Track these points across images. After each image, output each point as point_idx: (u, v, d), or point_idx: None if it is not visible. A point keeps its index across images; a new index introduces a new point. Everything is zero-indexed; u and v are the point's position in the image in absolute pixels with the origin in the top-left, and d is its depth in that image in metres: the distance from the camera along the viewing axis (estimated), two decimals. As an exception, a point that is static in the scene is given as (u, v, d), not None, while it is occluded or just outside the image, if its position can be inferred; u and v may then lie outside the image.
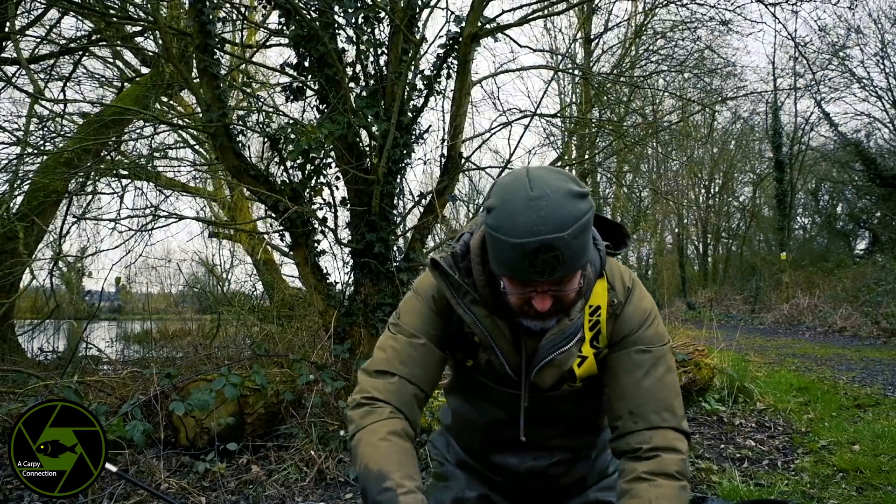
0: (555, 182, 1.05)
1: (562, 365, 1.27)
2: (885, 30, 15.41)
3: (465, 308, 1.24)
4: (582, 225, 1.03)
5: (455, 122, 4.36)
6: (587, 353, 1.30)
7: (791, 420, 4.26)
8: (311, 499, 2.82)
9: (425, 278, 1.36)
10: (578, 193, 1.05)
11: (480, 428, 1.45)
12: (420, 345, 1.30)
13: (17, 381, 4.42)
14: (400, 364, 1.28)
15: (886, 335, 10.13)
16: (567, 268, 1.05)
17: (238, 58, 6.22)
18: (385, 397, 1.26)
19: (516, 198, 1.05)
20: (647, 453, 1.21)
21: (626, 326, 1.29)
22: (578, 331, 1.25)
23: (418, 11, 4.22)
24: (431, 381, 1.33)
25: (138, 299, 12.62)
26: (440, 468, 1.59)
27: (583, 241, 1.05)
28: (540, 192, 1.03)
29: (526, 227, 1.01)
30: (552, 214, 1.01)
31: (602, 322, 1.29)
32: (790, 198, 17.60)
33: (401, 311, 1.36)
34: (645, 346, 1.28)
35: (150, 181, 5.82)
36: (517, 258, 1.04)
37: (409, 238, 4.57)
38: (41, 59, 6.77)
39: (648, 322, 1.30)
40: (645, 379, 1.26)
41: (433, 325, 1.32)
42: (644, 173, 16.44)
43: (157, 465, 2.92)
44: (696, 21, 7.57)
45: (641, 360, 1.27)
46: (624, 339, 1.29)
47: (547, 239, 1.01)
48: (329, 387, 3.46)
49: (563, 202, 1.03)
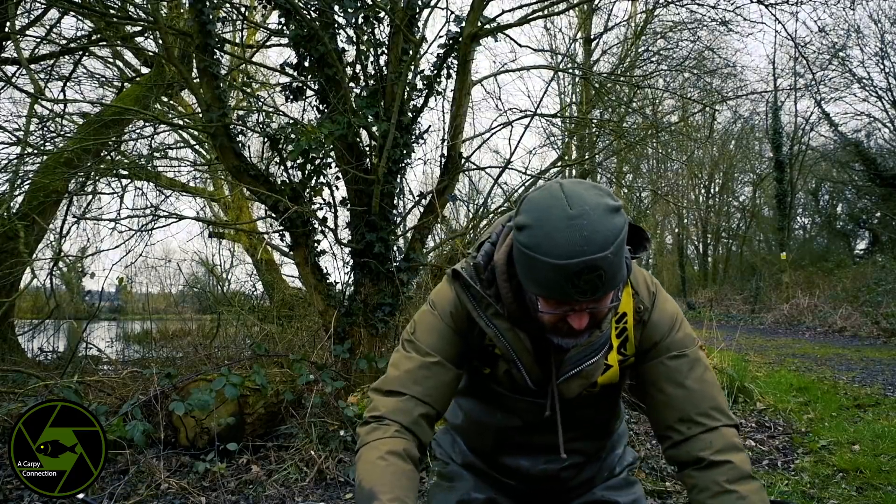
0: (592, 199, 1.02)
1: (589, 376, 1.24)
2: (885, 30, 15.43)
3: (487, 321, 1.21)
4: (621, 241, 1.01)
5: (455, 122, 4.37)
6: (612, 361, 1.28)
7: (791, 420, 4.26)
8: (311, 499, 2.82)
9: (443, 291, 1.32)
10: (614, 208, 1.02)
11: (493, 431, 1.43)
12: (434, 363, 1.27)
13: (17, 381, 4.42)
14: (412, 384, 1.26)
15: (886, 335, 10.13)
16: (609, 286, 1.02)
17: (238, 58, 6.22)
18: (393, 416, 1.24)
19: (553, 216, 1.01)
20: (717, 460, 1.18)
21: (657, 333, 1.27)
22: (607, 340, 1.23)
23: (418, 11, 4.22)
24: (445, 399, 1.31)
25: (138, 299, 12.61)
26: (445, 468, 1.56)
27: (621, 258, 1.03)
28: (580, 211, 1.00)
29: (568, 247, 0.98)
30: (594, 233, 0.98)
31: (630, 329, 1.27)
32: (790, 198, 17.61)
33: (416, 327, 1.32)
34: (678, 350, 1.26)
35: (150, 181, 5.83)
36: (558, 279, 1.00)
37: (409, 238, 4.57)
38: (41, 59, 6.78)
39: (677, 326, 1.28)
40: (688, 382, 1.24)
41: (450, 343, 1.29)
42: (644, 173, 16.45)
43: (157, 465, 2.92)
44: (696, 21, 7.58)
45: (679, 365, 1.25)
46: (655, 347, 1.27)
47: (591, 259, 0.97)
48: (329, 387, 3.46)
49: (602, 219, 1.00)
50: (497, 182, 4.95)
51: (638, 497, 1.48)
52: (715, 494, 1.16)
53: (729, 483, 1.15)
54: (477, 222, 5.42)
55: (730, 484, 1.15)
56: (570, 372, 1.22)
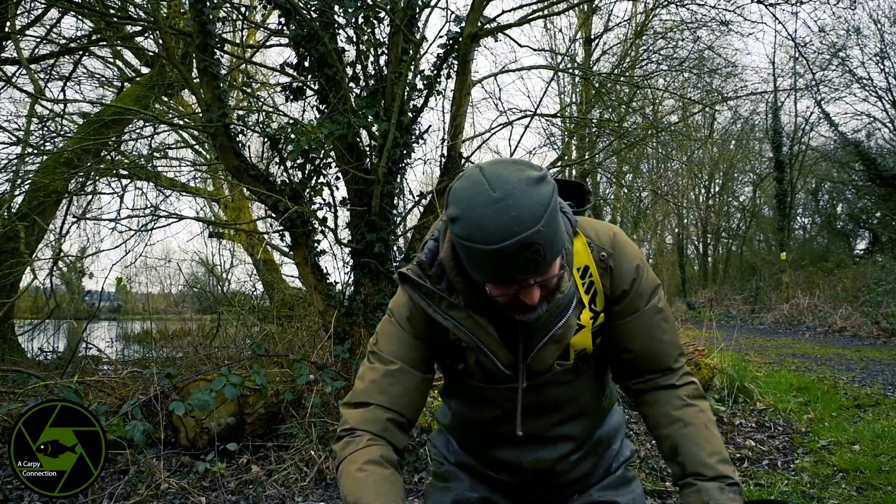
0: (513, 176, 1.02)
1: (562, 339, 1.23)
2: (885, 30, 15.43)
3: (443, 314, 1.20)
4: (552, 211, 1.01)
5: (455, 122, 4.37)
6: (585, 321, 1.27)
7: (791, 420, 4.26)
8: (311, 499, 2.82)
9: (398, 298, 1.32)
10: (538, 178, 1.02)
11: (479, 426, 1.43)
12: (397, 371, 1.28)
13: (17, 381, 4.42)
14: (377, 393, 1.27)
15: (886, 335, 10.13)
16: (549, 258, 1.03)
17: (238, 58, 6.23)
18: (363, 426, 1.25)
19: (479, 203, 1.01)
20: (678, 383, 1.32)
21: (625, 279, 1.27)
22: (573, 298, 1.21)
23: (418, 11, 4.22)
24: (414, 405, 1.32)
25: (138, 299, 12.61)
26: (440, 468, 1.56)
27: (556, 225, 1.03)
28: (503, 192, 1.00)
29: (500, 231, 0.98)
30: (522, 211, 0.98)
31: (596, 279, 1.27)
32: (790, 198, 17.61)
33: (378, 337, 1.34)
34: (646, 303, 1.29)
35: (150, 181, 5.83)
36: (498, 263, 1.00)
37: (409, 238, 4.57)
38: (41, 58, 6.77)
39: (642, 270, 1.29)
40: (664, 335, 1.31)
41: (411, 348, 1.29)
42: (644, 173, 16.44)
43: (157, 465, 2.92)
44: (696, 21, 7.58)
45: (657, 319, 1.30)
46: (625, 295, 1.28)
47: (525, 237, 0.98)
48: (329, 387, 3.46)
49: (528, 195, 0.99)
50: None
51: (637, 496, 1.47)
52: (679, 407, 1.30)
53: (690, 398, 1.30)
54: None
55: (691, 399, 1.30)
56: (542, 339, 1.21)
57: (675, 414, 1.29)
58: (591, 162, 7.38)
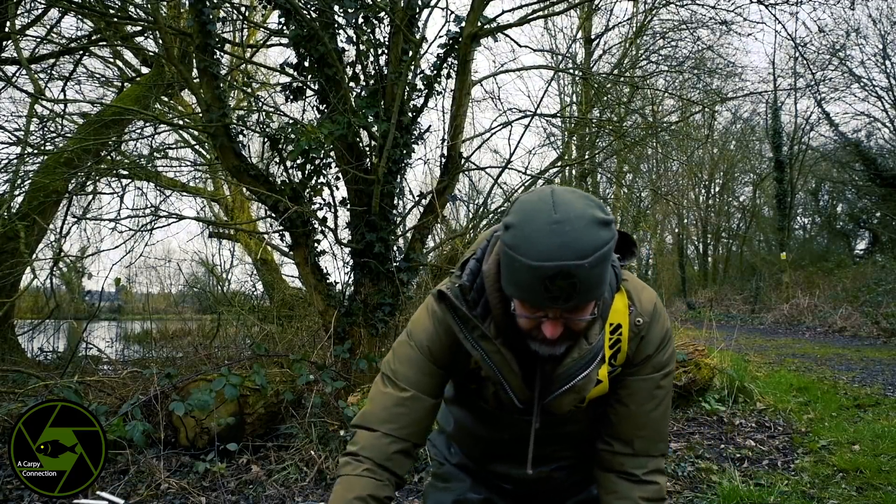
0: (579, 207, 1.01)
1: (581, 391, 1.22)
2: (886, 30, 15.43)
3: (473, 343, 1.19)
4: (603, 254, 0.99)
5: (455, 122, 4.37)
6: (602, 375, 1.27)
7: (791, 420, 4.26)
8: (311, 499, 2.82)
9: (420, 320, 1.31)
10: (603, 221, 1.01)
11: (483, 442, 1.44)
12: (409, 398, 1.28)
13: (17, 381, 4.42)
14: (387, 421, 1.28)
15: (886, 335, 10.13)
16: (583, 297, 1.01)
17: (238, 58, 6.23)
18: (367, 453, 1.27)
19: (537, 219, 1.00)
20: (646, 480, 1.28)
21: (650, 347, 1.27)
22: (598, 353, 1.20)
23: (418, 11, 4.22)
24: (423, 430, 1.33)
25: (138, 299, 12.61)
26: (440, 468, 1.57)
27: (602, 271, 1.01)
28: (563, 216, 0.99)
29: (545, 250, 0.97)
30: (574, 241, 0.97)
31: (624, 341, 1.26)
32: (790, 198, 17.60)
33: (394, 359, 1.33)
34: (659, 372, 1.28)
35: (151, 181, 5.82)
36: (532, 281, 1.00)
37: (409, 238, 4.58)
38: (41, 58, 6.78)
39: (667, 343, 1.29)
40: (655, 411, 1.28)
41: (427, 374, 1.29)
42: (644, 173, 16.42)
43: (157, 465, 2.92)
44: (696, 21, 7.58)
45: (657, 393, 1.28)
46: (644, 361, 1.28)
47: (566, 265, 0.97)
48: (329, 387, 3.46)
49: (586, 229, 0.99)
50: (497, 182, 4.96)
51: None
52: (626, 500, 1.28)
53: (645, 500, 1.28)
54: (477, 222, 5.43)
55: (645, 501, 1.28)
56: (562, 388, 1.20)
57: None
58: (591, 162, 7.38)
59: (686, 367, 4.38)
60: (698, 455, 3.44)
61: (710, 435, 3.88)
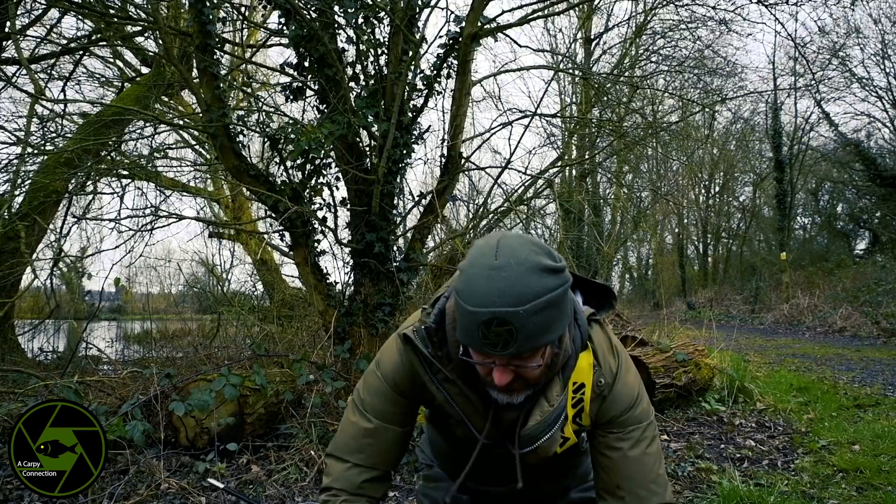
0: (523, 253, 1.00)
1: (546, 451, 1.22)
2: (886, 30, 15.43)
3: (438, 386, 1.20)
4: (544, 302, 0.98)
5: (455, 122, 4.37)
6: (569, 433, 1.26)
7: (791, 420, 4.26)
8: (311, 499, 2.82)
9: (389, 352, 1.32)
10: (549, 268, 1.00)
11: (459, 462, 1.43)
12: (376, 429, 1.30)
13: (17, 381, 4.42)
14: (356, 451, 1.31)
15: (886, 335, 10.13)
16: (522, 345, 0.99)
17: (238, 58, 6.23)
18: (339, 485, 1.31)
19: (480, 264, 1.01)
20: None
21: (615, 408, 1.25)
22: (562, 413, 1.20)
23: (418, 11, 4.22)
24: (393, 458, 1.35)
25: (138, 299, 12.61)
26: (430, 471, 1.61)
27: (545, 319, 0.99)
28: (504, 262, 0.99)
29: (482, 296, 0.97)
30: (510, 288, 0.96)
31: (586, 402, 1.24)
32: (790, 198, 17.61)
33: (362, 388, 1.35)
34: (632, 426, 1.26)
35: (151, 181, 5.83)
36: (471, 327, 1.00)
37: (409, 238, 4.57)
38: (41, 59, 6.77)
39: (636, 404, 1.26)
40: (631, 451, 1.25)
41: (394, 404, 1.31)
42: (644, 173, 16.42)
43: (157, 465, 2.92)
44: (696, 21, 7.58)
45: (629, 440, 1.26)
46: (610, 421, 1.26)
47: (500, 312, 0.96)
48: (329, 387, 3.46)
49: (526, 276, 0.97)
50: (497, 182, 4.95)
51: None
52: None
53: None
54: (477, 222, 5.42)
55: None
56: (526, 449, 1.20)
57: None
58: (591, 162, 7.38)
59: (686, 367, 4.38)
60: (698, 455, 3.44)
61: (710, 435, 3.88)
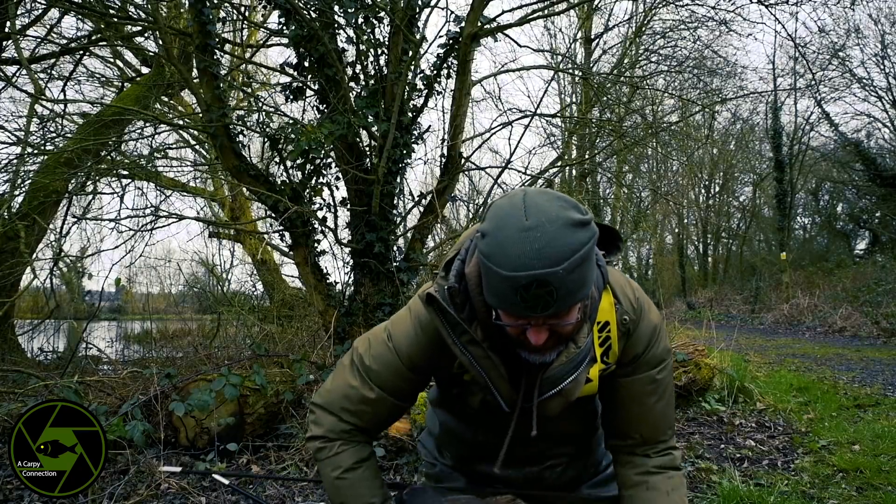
0: (553, 210, 0.97)
1: (570, 395, 1.19)
2: (886, 30, 15.43)
3: (462, 348, 1.15)
4: (581, 257, 0.95)
5: (455, 122, 4.37)
6: (593, 374, 1.25)
7: (791, 420, 4.26)
8: (311, 499, 2.82)
9: (403, 324, 1.27)
10: (579, 222, 0.97)
11: (470, 444, 1.43)
12: (374, 400, 1.28)
13: (17, 381, 4.42)
14: (350, 413, 1.29)
15: (886, 335, 10.13)
16: (562, 304, 0.97)
17: (238, 58, 6.23)
18: (332, 434, 1.30)
19: (509, 225, 0.96)
20: (657, 454, 1.32)
21: (640, 344, 1.26)
22: (587, 355, 1.17)
23: (418, 11, 4.22)
24: (383, 425, 1.36)
25: (138, 299, 12.61)
26: (432, 469, 1.58)
27: (581, 274, 0.97)
28: (535, 222, 0.95)
29: (518, 259, 0.93)
30: (547, 247, 0.93)
31: (613, 339, 1.24)
32: (790, 198, 17.60)
33: (370, 353, 1.29)
34: (655, 367, 1.27)
35: (151, 181, 5.83)
36: (507, 292, 0.96)
37: (409, 238, 4.58)
38: (41, 59, 6.78)
39: (657, 337, 1.27)
40: (659, 403, 1.29)
41: (402, 379, 1.27)
42: (644, 173, 16.44)
43: (158, 465, 2.92)
44: (696, 21, 7.58)
45: (654, 389, 1.28)
46: (636, 359, 1.26)
47: (539, 274, 0.92)
48: (329, 387, 3.45)
49: (560, 233, 0.94)
50: (497, 182, 4.95)
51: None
52: (643, 472, 1.31)
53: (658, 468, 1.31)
54: (477, 222, 5.43)
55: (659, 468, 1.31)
56: (549, 392, 1.17)
57: (639, 478, 1.30)
58: (591, 162, 7.38)
59: (686, 367, 4.38)
60: (698, 455, 3.43)
61: (710, 435, 3.88)
